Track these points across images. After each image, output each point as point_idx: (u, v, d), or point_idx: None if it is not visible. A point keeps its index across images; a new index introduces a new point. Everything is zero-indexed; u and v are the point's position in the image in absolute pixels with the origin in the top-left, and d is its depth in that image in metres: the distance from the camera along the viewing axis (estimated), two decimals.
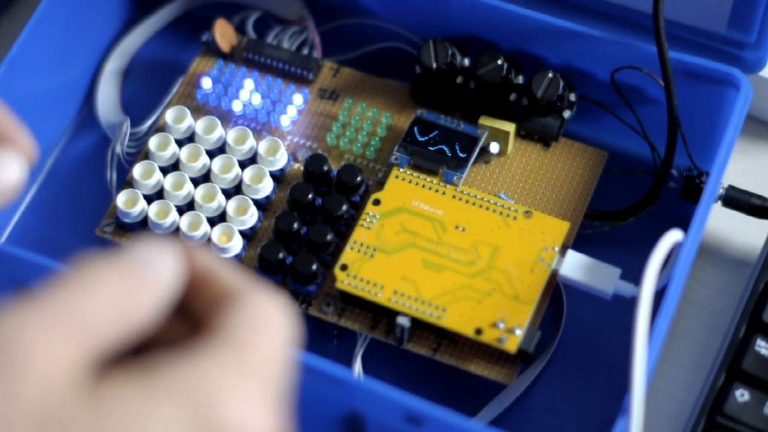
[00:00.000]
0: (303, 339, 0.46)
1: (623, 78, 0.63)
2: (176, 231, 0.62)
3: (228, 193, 0.63)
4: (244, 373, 0.36)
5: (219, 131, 0.64)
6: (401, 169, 0.62)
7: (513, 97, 0.64)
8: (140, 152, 0.66)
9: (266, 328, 0.37)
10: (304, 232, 0.61)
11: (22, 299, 0.33)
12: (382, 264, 0.59)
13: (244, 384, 0.36)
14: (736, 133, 0.60)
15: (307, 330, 0.61)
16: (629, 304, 0.54)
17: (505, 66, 0.63)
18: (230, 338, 0.37)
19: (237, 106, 0.66)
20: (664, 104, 0.61)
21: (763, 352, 0.59)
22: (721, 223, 0.66)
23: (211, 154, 0.64)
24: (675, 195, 0.64)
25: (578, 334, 0.62)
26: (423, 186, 0.62)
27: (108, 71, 0.70)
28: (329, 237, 0.61)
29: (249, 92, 0.66)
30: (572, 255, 0.59)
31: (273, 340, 0.37)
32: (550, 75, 0.62)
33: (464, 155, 0.62)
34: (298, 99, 0.66)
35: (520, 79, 0.64)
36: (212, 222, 0.62)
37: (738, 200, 0.63)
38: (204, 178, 0.64)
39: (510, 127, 0.63)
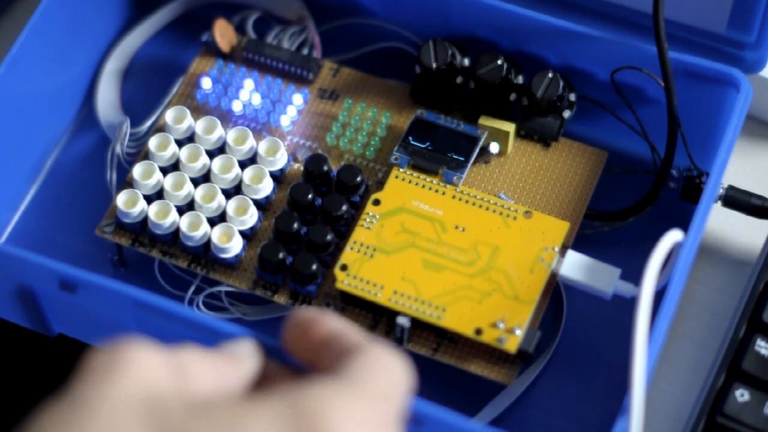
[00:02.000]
0: None
1: (623, 78, 0.63)
2: (176, 231, 0.62)
3: (228, 193, 0.63)
4: (356, 402, 0.42)
5: (219, 131, 0.64)
6: (401, 169, 0.62)
7: (513, 97, 0.64)
8: (140, 152, 0.66)
9: (382, 370, 0.43)
10: (304, 232, 0.61)
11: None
12: (382, 264, 0.59)
13: (353, 411, 0.41)
14: (736, 133, 0.60)
15: None
16: (629, 304, 0.54)
17: (505, 66, 0.63)
18: (347, 374, 0.43)
19: (237, 106, 0.66)
20: (664, 104, 0.61)
21: (763, 352, 0.59)
22: (721, 223, 0.66)
23: (211, 154, 0.64)
24: (675, 195, 0.64)
25: (578, 334, 0.62)
26: (423, 186, 0.62)
27: (108, 71, 0.70)
28: (329, 237, 0.61)
29: (249, 92, 0.66)
30: (572, 255, 0.59)
31: (388, 380, 0.43)
32: (550, 75, 0.62)
33: (464, 155, 0.62)
34: (298, 99, 0.66)
35: (520, 79, 0.64)
36: (212, 222, 0.62)
37: (738, 200, 0.63)
38: (204, 178, 0.64)
39: (510, 127, 0.63)
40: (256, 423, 0.40)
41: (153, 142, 0.64)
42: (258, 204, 0.63)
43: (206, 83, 0.66)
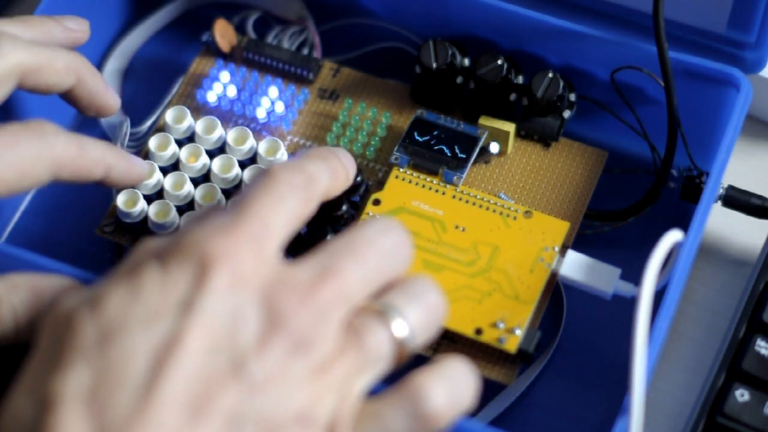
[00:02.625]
0: None
1: (623, 78, 0.63)
2: (176, 231, 0.62)
3: (228, 193, 0.63)
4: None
5: (219, 131, 0.64)
6: (401, 169, 0.62)
7: (513, 97, 0.64)
8: (140, 152, 0.66)
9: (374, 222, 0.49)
10: (304, 232, 0.61)
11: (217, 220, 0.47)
12: None
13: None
14: (736, 133, 0.60)
15: None
16: (629, 304, 0.54)
17: (505, 66, 0.63)
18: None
19: (237, 106, 0.66)
20: (664, 104, 0.61)
21: (763, 352, 0.59)
22: (721, 223, 0.66)
23: (211, 154, 0.64)
24: (675, 195, 0.64)
25: (578, 334, 0.62)
26: (423, 186, 0.62)
27: (108, 71, 0.70)
28: (329, 237, 0.61)
29: (249, 92, 0.66)
30: (572, 255, 0.59)
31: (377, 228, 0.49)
32: (550, 75, 0.62)
33: (464, 155, 0.62)
34: (298, 99, 0.66)
35: (520, 79, 0.64)
36: None
37: (738, 200, 0.63)
38: (204, 178, 0.64)
39: (510, 127, 0.63)
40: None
41: (153, 142, 0.64)
42: None
43: (217, 88, 0.66)
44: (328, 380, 0.45)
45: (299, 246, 0.61)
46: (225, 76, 0.67)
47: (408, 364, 0.48)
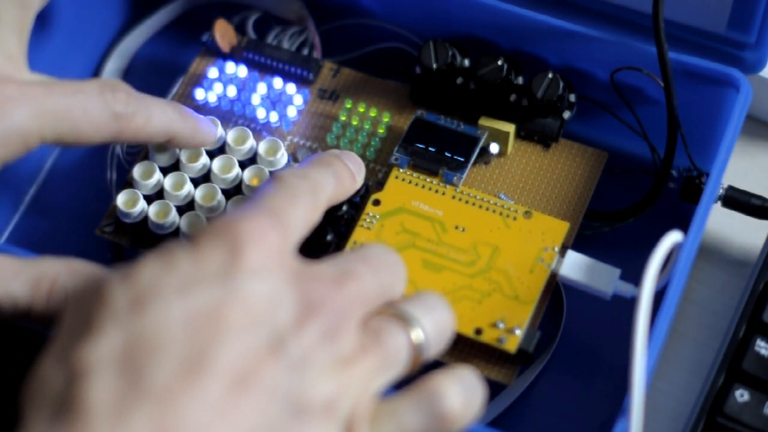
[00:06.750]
0: None
1: (623, 78, 0.63)
2: (176, 231, 0.62)
3: (228, 193, 0.63)
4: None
5: (219, 131, 0.64)
6: (401, 170, 0.62)
7: (513, 97, 0.64)
8: (140, 152, 0.66)
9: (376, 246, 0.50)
10: None
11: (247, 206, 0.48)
12: None
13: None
14: (736, 133, 0.60)
15: None
16: (629, 304, 0.54)
17: (505, 66, 0.63)
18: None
19: (237, 106, 0.66)
20: (664, 104, 0.61)
21: (763, 352, 0.59)
22: (721, 223, 0.66)
23: (211, 154, 0.64)
24: (675, 195, 0.64)
25: (578, 334, 0.62)
26: (423, 186, 0.62)
27: (108, 71, 0.70)
28: (329, 237, 0.61)
29: (249, 92, 0.66)
30: (572, 255, 0.59)
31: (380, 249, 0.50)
32: (550, 75, 0.62)
33: (464, 156, 0.62)
34: (298, 99, 0.66)
35: (520, 80, 0.64)
36: None
37: (738, 200, 0.63)
38: (204, 178, 0.64)
39: (510, 127, 0.63)
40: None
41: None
42: None
43: (217, 88, 0.66)
44: (351, 375, 0.45)
45: (300, 246, 0.61)
46: (225, 76, 0.67)
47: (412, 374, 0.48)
